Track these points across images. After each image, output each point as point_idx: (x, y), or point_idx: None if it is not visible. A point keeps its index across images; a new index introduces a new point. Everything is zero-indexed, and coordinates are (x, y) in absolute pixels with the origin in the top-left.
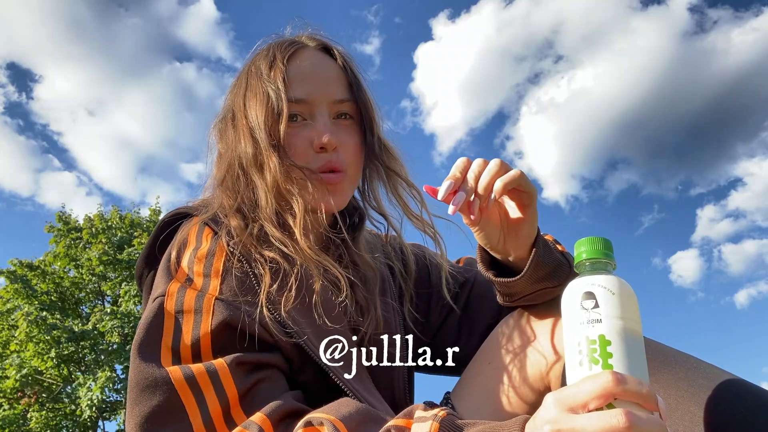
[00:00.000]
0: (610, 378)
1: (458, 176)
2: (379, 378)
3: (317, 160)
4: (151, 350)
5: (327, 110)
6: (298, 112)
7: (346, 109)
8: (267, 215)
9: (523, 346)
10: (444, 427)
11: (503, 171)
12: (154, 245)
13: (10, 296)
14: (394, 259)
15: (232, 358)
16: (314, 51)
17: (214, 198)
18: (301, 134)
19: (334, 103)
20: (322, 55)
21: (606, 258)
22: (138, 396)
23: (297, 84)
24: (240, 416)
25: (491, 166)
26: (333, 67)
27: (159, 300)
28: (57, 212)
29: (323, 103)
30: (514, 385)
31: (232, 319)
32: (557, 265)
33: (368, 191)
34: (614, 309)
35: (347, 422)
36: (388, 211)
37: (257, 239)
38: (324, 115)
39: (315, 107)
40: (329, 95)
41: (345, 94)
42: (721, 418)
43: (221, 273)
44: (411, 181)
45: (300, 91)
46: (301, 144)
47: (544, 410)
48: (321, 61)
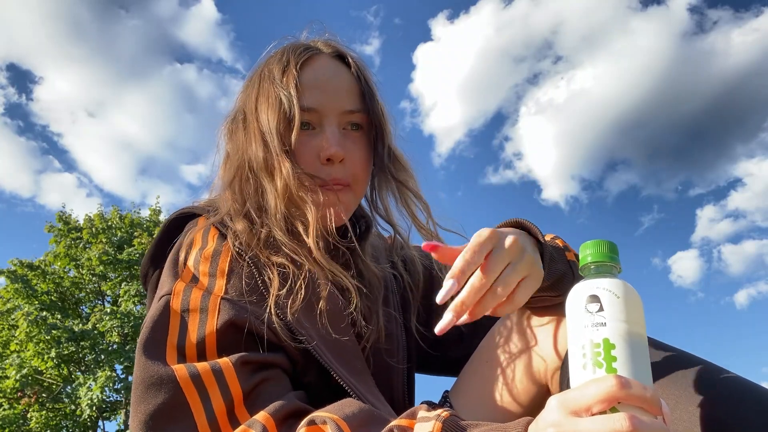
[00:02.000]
0: (614, 382)
1: (463, 275)
2: (378, 379)
3: (323, 170)
4: (157, 348)
5: (336, 120)
6: (308, 121)
7: (357, 119)
8: (276, 221)
9: (522, 345)
10: (447, 428)
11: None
12: (160, 244)
13: (10, 296)
14: (402, 269)
15: (237, 357)
16: (328, 58)
17: (221, 200)
18: (309, 143)
19: (345, 114)
20: (337, 63)
21: (611, 261)
22: (143, 394)
23: (309, 92)
24: (244, 415)
25: (497, 293)
26: (346, 76)
27: (165, 299)
28: (57, 212)
29: (333, 113)
30: (511, 384)
31: (238, 318)
32: (559, 276)
33: (377, 200)
34: (619, 312)
35: (350, 422)
36: (396, 221)
37: (265, 243)
38: (333, 126)
39: (325, 117)
40: (340, 105)
41: (356, 105)
42: (719, 416)
43: (227, 273)
44: (420, 193)
45: (312, 99)
46: (308, 153)
47: (547, 413)
48: (335, 69)
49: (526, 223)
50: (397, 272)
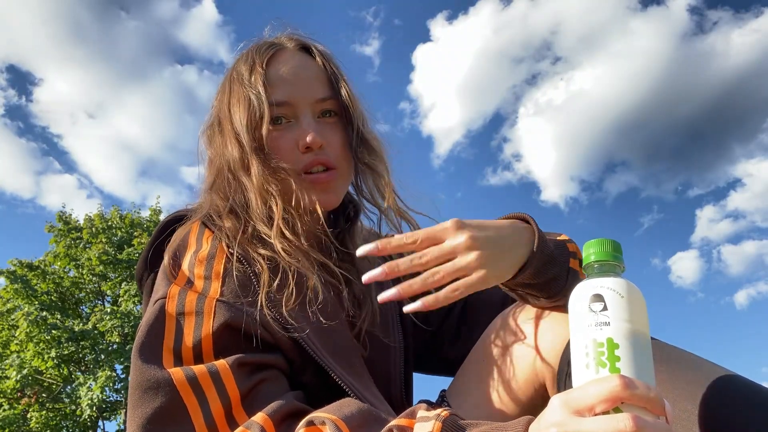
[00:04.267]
0: (618, 382)
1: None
2: (376, 376)
3: (304, 160)
4: (153, 352)
5: (310, 110)
6: (282, 115)
7: (329, 106)
8: (258, 215)
9: (519, 344)
10: (446, 427)
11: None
12: (153, 247)
13: (10, 296)
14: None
15: (233, 359)
16: (293, 52)
17: (207, 201)
18: (286, 136)
19: (317, 102)
20: (302, 54)
21: (615, 260)
22: (140, 398)
23: (278, 87)
24: (242, 416)
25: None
26: (313, 66)
27: (160, 302)
28: (57, 212)
29: (306, 103)
30: (508, 383)
31: (234, 320)
32: (550, 279)
33: (362, 184)
34: (623, 312)
35: (349, 422)
36: (381, 203)
37: (252, 238)
38: (307, 116)
39: (298, 108)
40: (311, 95)
41: (327, 92)
42: (717, 415)
43: (222, 275)
44: (388, 179)
45: (281, 93)
46: (286, 145)
47: (550, 412)
48: (300, 61)
49: (529, 219)
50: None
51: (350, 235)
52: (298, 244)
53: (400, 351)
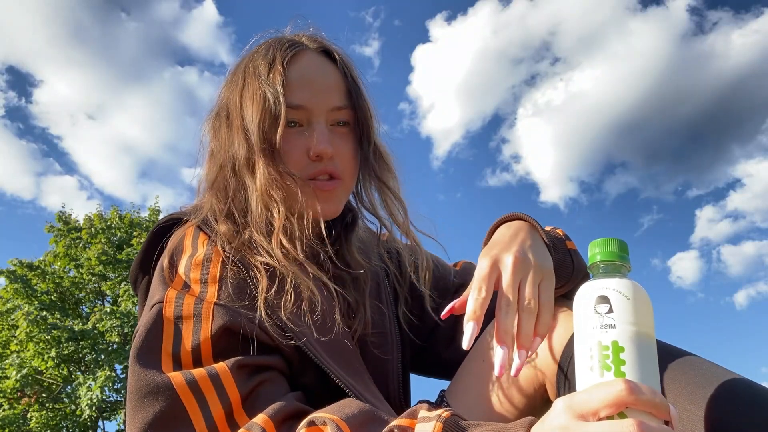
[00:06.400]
0: (623, 387)
1: (479, 313)
2: (374, 377)
3: (311, 167)
4: (151, 357)
5: (324, 117)
6: (295, 119)
7: (344, 116)
8: (255, 221)
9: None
10: (447, 428)
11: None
12: (148, 250)
13: (10, 296)
14: (389, 261)
15: (233, 361)
16: (314, 54)
17: (205, 200)
18: (297, 141)
19: (332, 111)
20: (323, 59)
21: (621, 260)
22: (139, 403)
23: (296, 89)
24: (243, 418)
25: (526, 320)
26: (333, 72)
27: (157, 307)
28: (57, 212)
29: (321, 110)
30: (508, 384)
31: (232, 323)
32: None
33: (362, 193)
34: (628, 314)
35: (350, 422)
36: (382, 214)
37: (249, 244)
38: (321, 123)
39: (312, 114)
40: (328, 102)
41: (343, 101)
42: (719, 416)
43: (218, 279)
44: (399, 195)
45: (299, 97)
46: (296, 152)
47: (554, 415)
48: (321, 66)
49: (525, 217)
50: (386, 265)
51: (347, 242)
52: (294, 253)
53: (397, 353)
